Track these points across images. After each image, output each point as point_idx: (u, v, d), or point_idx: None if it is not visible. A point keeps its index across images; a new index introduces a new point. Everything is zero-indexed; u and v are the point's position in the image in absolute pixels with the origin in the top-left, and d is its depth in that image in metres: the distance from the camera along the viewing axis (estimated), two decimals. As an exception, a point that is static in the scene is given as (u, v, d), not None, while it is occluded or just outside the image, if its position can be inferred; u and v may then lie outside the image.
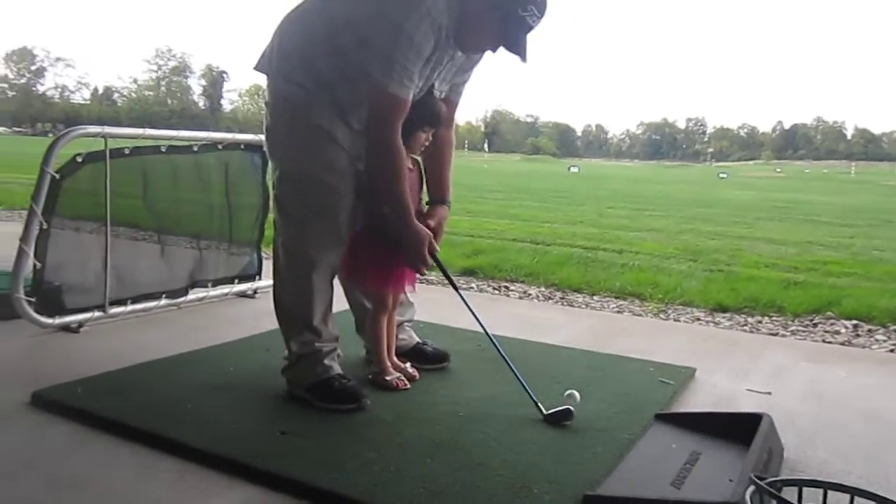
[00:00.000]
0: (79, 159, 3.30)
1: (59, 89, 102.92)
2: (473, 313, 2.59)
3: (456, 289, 2.67)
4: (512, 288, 5.33)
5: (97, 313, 3.43)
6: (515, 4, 2.28)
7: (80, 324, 3.36)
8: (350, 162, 2.49)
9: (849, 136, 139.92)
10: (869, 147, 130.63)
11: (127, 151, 3.53)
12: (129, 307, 3.57)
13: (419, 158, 2.69)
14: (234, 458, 2.04)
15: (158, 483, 1.95)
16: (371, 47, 2.29)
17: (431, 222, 2.59)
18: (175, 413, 2.35)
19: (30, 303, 3.18)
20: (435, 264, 2.59)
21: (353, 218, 2.55)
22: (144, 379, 2.69)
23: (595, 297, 5.08)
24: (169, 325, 3.56)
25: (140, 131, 3.80)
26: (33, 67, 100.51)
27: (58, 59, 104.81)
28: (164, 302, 3.75)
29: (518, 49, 2.33)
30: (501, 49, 2.39)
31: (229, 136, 4.18)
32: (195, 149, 3.90)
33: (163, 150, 3.76)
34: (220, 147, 4.02)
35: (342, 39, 2.35)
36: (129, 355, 2.94)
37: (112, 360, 2.87)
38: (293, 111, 2.47)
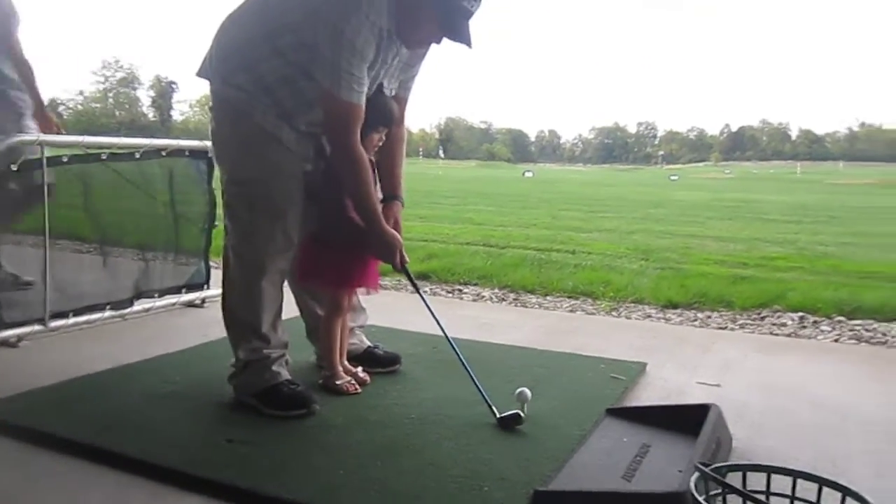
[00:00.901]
0: (13, 168, 3.19)
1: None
2: (436, 318, 2.57)
3: (421, 295, 2.66)
4: (465, 291, 5.32)
5: (37, 327, 3.32)
6: None
7: (20, 338, 3.25)
8: (297, 164, 2.45)
9: (793, 137, 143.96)
10: (813, 147, 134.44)
11: (65, 159, 3.43)
12: (72, 319, 3.46)
13: (373, 158, 2.66)
14: (178, 468, 1.99)
15: (100, 498, 1.88)
16: (312, 52, 2.26)
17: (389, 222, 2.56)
18: (118, 425, 2.27)
19: (-36, 318, 3.07)
20: (402, 271, 2.57)
21: (303, 221, 2.51)
22: (87, 392, 2.61)
23: (548, 298, 5.10)
24: (114, 337, 3.45)
25: (79, 139, 3.66)
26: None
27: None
28: (108, 314, 3.64)
29: (461, 37, 2.32)
30: (447, 40, 2.37)
31: (173, 142, 4.08)
32: (137, 156, 3.79)
33: (103, 157, 3.64)
34: (163, 154, 3.92)
35: (281, 42, 2.30)
36: (72, 368, 2.84)
37: (54, 373, 2.77)
38: (236, 114, 2.43)
